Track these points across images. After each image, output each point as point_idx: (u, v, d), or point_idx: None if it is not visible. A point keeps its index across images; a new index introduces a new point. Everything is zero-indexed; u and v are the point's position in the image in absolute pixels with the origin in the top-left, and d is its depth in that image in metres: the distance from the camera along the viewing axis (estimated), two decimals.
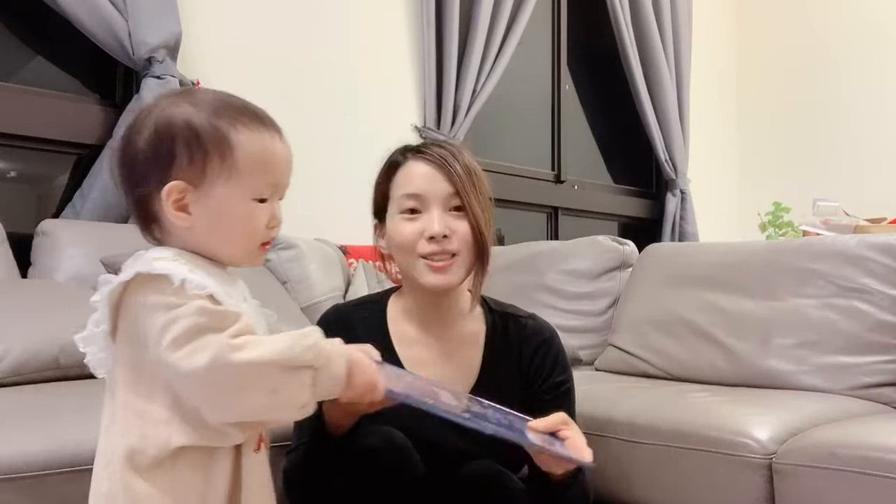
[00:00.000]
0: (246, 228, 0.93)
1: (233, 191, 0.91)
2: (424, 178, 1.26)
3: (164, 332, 0.83)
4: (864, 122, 4.20)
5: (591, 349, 2.42)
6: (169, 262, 0.87)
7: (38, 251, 2.00)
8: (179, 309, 0.83)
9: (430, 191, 1.25)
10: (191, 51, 2.41)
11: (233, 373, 0.82)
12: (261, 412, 0.86)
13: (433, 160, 1.26)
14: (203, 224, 0.91)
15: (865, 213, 3.19)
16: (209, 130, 0.90)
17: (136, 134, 0.92)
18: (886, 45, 4.18)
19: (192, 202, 0.90)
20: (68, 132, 2.26)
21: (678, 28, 4.07)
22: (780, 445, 1.45)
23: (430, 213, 1.25)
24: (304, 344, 0.86)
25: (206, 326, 0.83)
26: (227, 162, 0.90)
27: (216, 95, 0.95)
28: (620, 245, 2.53)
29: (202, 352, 0.81)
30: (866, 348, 1.84)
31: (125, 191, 0.94)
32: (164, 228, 0.93)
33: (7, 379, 1.45)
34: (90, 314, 0.93)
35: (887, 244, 1.90)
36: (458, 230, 1.24)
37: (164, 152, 0.90)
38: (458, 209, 1.26)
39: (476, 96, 3.17)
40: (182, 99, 0.93)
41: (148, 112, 0.93)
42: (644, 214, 4.21)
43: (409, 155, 1.30)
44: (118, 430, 0.88)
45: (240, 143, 0.91)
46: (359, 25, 2.94)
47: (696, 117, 4.18)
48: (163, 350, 0.83)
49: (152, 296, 0.85)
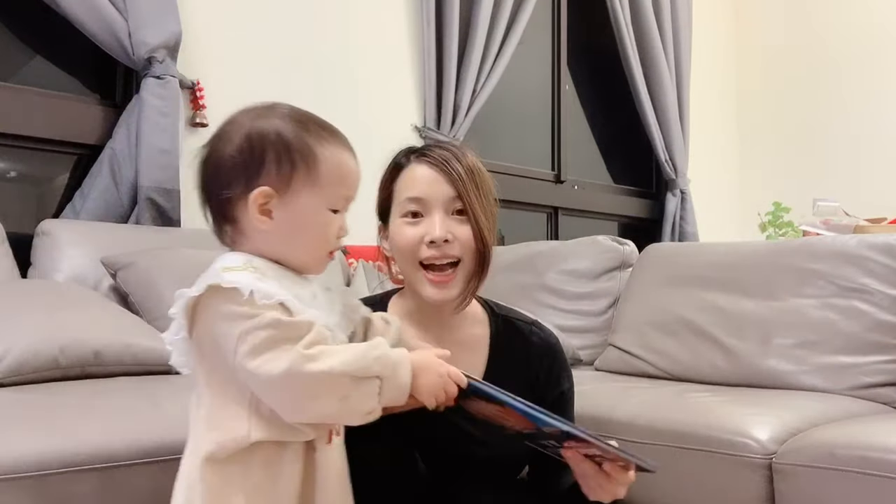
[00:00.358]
0: (320, 236, 1.00)
1: (314, 200, 0.98)
2: (426, 181, 1.25)
3: (241, 343, 0.89)
4: (864, 122, 4.20)
5: (591, 349, 2.42)
6: (238, 273, 0.92)
7: (38, 251, 2.00)
8: (253, 320, 0.89)
9: (431, 194, 1.24)
10: (191, 51, 2.41)
11: (307, 382, 0.88)
12: (330, 417, 0.94)
13: (435, 163, 1.25)
14: (282, 229, 0.97)
15: (865, 213, 3.19)
16: (298, 143, 0.98)
17: (224, 142, 0.99)
18: (886, 45, 4.18)
19: (275, 208, 0.97)
20: (68, 132, 2.26)
21: (678, 28, 4.07)
22: (780, 445, 1.45)
23: (431, 217, 1.24)
24: (373, 355, 0.92)
25: (280, 337, 0.89)
26: (312, 173, 0.98)
27: (299, 111, 1.02)
28: (620, 245, 2.53)
29: (277, 361, 0.88)
30: (866, 348, 1.84)
31: (207, 194, 1.01)
32: (241, 231, 0.99)
33: (7, 379, 1.45)
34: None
35: (887, 244, 1.90)
36: (459, 235, 1.23)
37: (255, 160, 0.97)
38: (461, 213, 1.24)
39: (476, 96, 3.17)
40: (270, 112, 1.00)
41: (235, 123, 1.00)
42: (644, 214, 4.22)
43: (412, 157, 1.29)
44: (202, 425, 0.94)
45: (323, 157, 0.99)
46: (359, 25, 2.94)
47: (696, 117, 4.18)
48: (239, 359, 0.89)
49: (225, 306, 0.91)
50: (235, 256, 0.98)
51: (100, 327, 1.64)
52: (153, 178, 2.21)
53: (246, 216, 0.97)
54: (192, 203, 2.40)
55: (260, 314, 0.89)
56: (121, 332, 1.67)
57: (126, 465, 1.21)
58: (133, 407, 1.34)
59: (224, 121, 1.03)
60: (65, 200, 2.25)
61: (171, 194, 2.25)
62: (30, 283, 1.92)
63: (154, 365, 1.66)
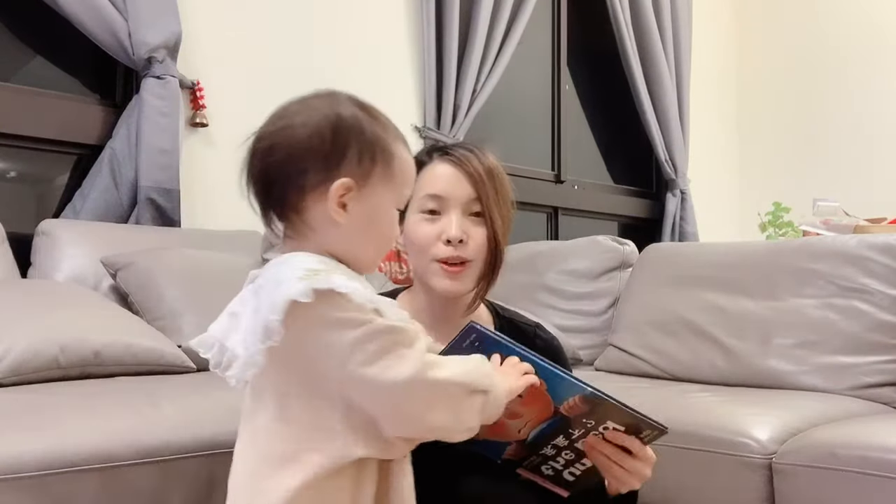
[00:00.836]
0: (389, 234, 0.98)
1: (388, 197, 0.96)
2: (447, 179, 1.25)
3: (355, 351, 0.83)
4: (864, 122, 4.20)
5: (591, 349, 2.42)
6: (334, 277, 0.85)
7: (38, 251, 2.00)
8: (367, 326, 0.83)
9: (452, 193, 1.24)
10: (191, 51, 2.41)
11: (428, 389, 0.85)
12: (441, 429, 0.88)
13: (458, 162, 1.26)
14: (355, 224, 0.92)
15: (865, 213, 3.19)
16: (379, 137, 0.94)
17: (297, 127, 0.92)
18: (886, 44, 4.18)
19: (351, 201, 0.92)
20: (68, 132, 2.26)
21: (678, 28, 4.07)
22: (780, 445, 1.45)
23: (448, 215, 1.24)
24: (483, 370, 0.91)
25: (398, 342, 0.84)
26: (387, 170, 0.94)
27: (370, 105, 0.97)
28: (620, 245, 2.53)
29: (400, 367, 0.83)
30: (866, 348, 1.84)
31: (270, 182, 0.94)
32: (308, 223, 0.93)
33: (7, 379, 1.45)
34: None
35: (887, 244, 1.90)
36: (475, 236, 1.23)
37: (338, 148, 0.91)
38: (478, 214, 1.24)
39: (476, 96, 3.17)
40: (343, 100, 0.95)
41: (308, 107, 0.94)
42: (644, 214, 4.21)
43: (434, 155, 1.29)
44: (287, 446, 0.87)
45: (398, 155, 0.96)
46: (359, 25, 2.94)
47: (696, 117, 4.18)
48: (353, 367, 0.83)
49: (332, 312, 0.84)
50: (310, 258, 0.89)
51: (100, 327, 1.64)
52: (153, 178, 2.21)
53: (317, 207, 0.91)
54: (192, 203, 2.41)
55: (372, 320, 0.84)
56: (121, 332, 1.67)
57: (126, 465, 1.21)
58: (133, 407, 1.34)
59: (287, 106, 0.97)
60: (65, 200, 2.25)
61: (171, 194, 2.25)
62: (30, 283, 1.92)
63: (154, 365, 1.66)
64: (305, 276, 0.84)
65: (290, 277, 0.84)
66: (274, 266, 0.90)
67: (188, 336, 1.81)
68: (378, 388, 0.83)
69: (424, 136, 3.01)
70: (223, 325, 0.93)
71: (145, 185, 2.20)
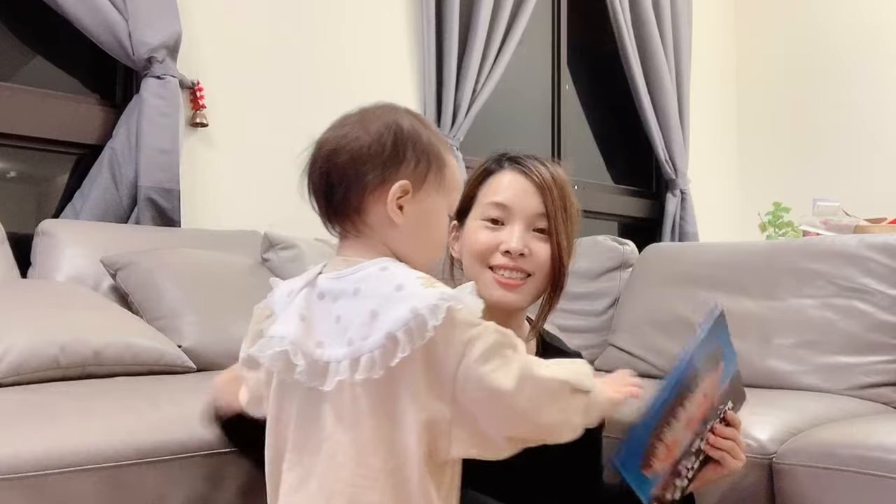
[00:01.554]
0: (441, 238, 1.03)
1: (439, 202, 1.00)
2: (516, 190, 1.21)
3: (470, 347, 0.87)
4: (864, 121, 4.20)
5: (591, 349, 2.42)
6: (440, 286, 0.90)
7: (38, 251, 2.00)
8: (479, 327, 0.89)
9: (518, 204, 1.20)
10: (191, 51, 2.41)
11: (538, 386, 0.89)
12: (549, 428, 0.91)
13: (529, 173, 1.22)
14: (411, 226, 0.97)
15: (865, 213, 3.19)
16: (434, 145, 1.00)
17: (360, 132, 0.98)
18: (886, 44, 4.18)
19: (407, 203, 0.97)
20: (68, 132, 2.26)
21: (678, 28, 4.07)
22: (780, 445, 1.45)
23: (511, 226, 1.20)
24: (584, 371, 0.94)
25: (504, 343, 0.89)
26: (440, 176, 1.00)
27: (422, 116, 1.05)
28: (620, 245, 2.53)
29: (509, 366, 0.87)
30: (866, 348, 1.84)
31: (332, 183, 0.97)
32: (367, 222, 0.97)
33: (7, 379, 1.45)
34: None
35: (887, 244, 1.90)
36: (537, 252, 1.19)
37: (398, 153, 0.97)
38: (542, 231, 1.21)
39: (476, 96, 3.17)
40: (406, 112, 1.03)
41: (370, 115, 1.01)
42: (644, 214, 4.21)
43: (505, 163, 1.26)
44: (372, 443, 0.88)
45: (449, 164, 1.01)
46: (359, 25, 2.94)
47: (696, 117, 4.18)
48: (469, 362, 0.87)
49: (458, 315, 0.88)
50: (405, 269, 0.93)
51: (100, 327, 1.64)
52: (153, 178, 2.21)
53: (377, 208, 0.96)
54: (192, 203, 2.41)
55: (480, 322, 0.89)
56: (121, 332, 1.67)
57: (126, 465, 1.21)
58: (133, 407, 1.34)
59: (348, 115, 1.03)
60: (65, 200, 2.25)
61: (171, 194, 2.25)
62: (30, 283, 1.92)
63: (154, 365, 1.66)
64: (429, 283, 0.90)
65: (411, 282, 0.89)
66: (370, 267, 0.92)
67: (188, 336, 1.81)
68: (491, 385, 0.86)
69: None
70: (297, 329, 0.91)
71: (145, 185, 2.20)
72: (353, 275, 0.92)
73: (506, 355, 0.88)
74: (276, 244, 2.26)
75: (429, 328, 0.85)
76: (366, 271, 0.92)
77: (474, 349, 0.87)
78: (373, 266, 0.93)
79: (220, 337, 1.81)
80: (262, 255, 2.26)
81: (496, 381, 0.86)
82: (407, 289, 0.88)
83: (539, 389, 0.88)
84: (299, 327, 0.91)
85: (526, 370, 0.88)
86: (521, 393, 0.87)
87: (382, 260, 0.94)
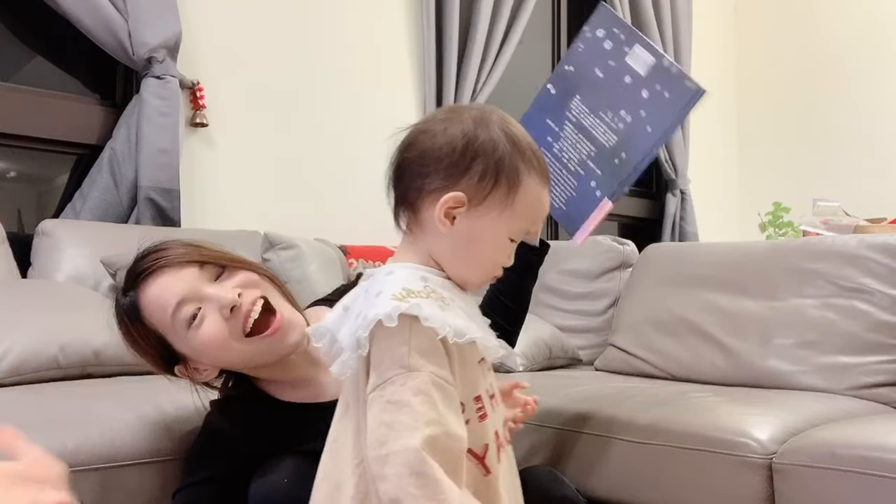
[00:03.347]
0: (490, 259, 0.98)
1: (499, 224, 0.95)
2: (169, 286, 1.17)
3: (389, 383, 0.86)
4: (864, 121, 4.20)
5: (591, 349, 2.42)
6: (427, 304, 0.88)
7: (38, 251, 2.00)
8: (416, 375, 0.86)
9: (184, 287, 1.17)
10: (191, 51, 2.41)
11: (406, 478, 0.82)
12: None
13: (154, 269, 1.18)
14: (458, 238, 0.94)
15: (865, 213, 3.19)
16: (509, 165, 0.94)
17: (439, 132, 0.95)
18: (886, 44, 4.18)
19: (461, 216, 0.94)
20: (68, 132, 2.26)
21: (678, 28, 4.07)
22: (780, 445, 1.45)
23: (206, 299, 1.15)
24: None
25: (421, 417, 0.84)
26: (509, 199, 0.94)
27: (516, 127, 0.98)
28: (620, 245, 2.53)
29: (398, 437, 0.83)
30: (866, 348, 1.84)
31: (400, 175, 0.97)
32: (419, 222, 0.96)
33: (7, 379, 1.45)
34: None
35: (887, 244, 1.90)
36: (242, 282, 1.18)
37: (463, 162, 0.94)
38: (220, 274, 1.19)
39: (476, 96, 3.17)
40: (491, 120, 0.96)
41: (456, 118, 0.96)
42: (644, 214, 4.21)
43: (132, 292, 1.21)
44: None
45: (526, 187, 0.95)
46: (359, 25, 2.94)
47: (696, 117, 4.18)
48: (375, 394, 0.86)
49: (407, 336, 0.87)
50: (415, 273, 0.93)
51: (100, 327, 1.64)
52: (153, 178, 2.21)
53: (429, 211, 0.94)
54: (192, 203, 2.42)
55: (424, 375, 0.85)
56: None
57: (126, 465, 1.21)
58: (133, 407, 1.34)
59: (439, 110, 1.01)
60: (65, 200, 2.25)
61: (170, 194, 2.25)
62: (30, 283, 1.92)
63: None
64: (399, 297, 0.87)
65: (387, 293, 0.88)
66: (384, 271, 0.94)
67: None
68: (369, 430, 0.85)
69: None
70: (337, 317, 0.95)
71: (145, 185, 2.20)
72: (374, 276, 0.94)
73: (407, 427, 0.82)
74: (276, 244, 2.26)
75: (363, 343, 0.87)
76: (379, 274, 0.93)
77: (390, 385, 0.85)
78: (386, 269, 0.94)
79: None
80: (262, 255, 2.26)
81: (377, 433, 0.84)
82: (380, 297, 0.88)
83: (406, 484, 0.81)
84: (339, 316, 0.94)
85: (413, 460, 0.81)
86: (386, 467, 0.82)
87: (400, 265, 0.95)
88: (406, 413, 0.83)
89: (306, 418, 1.19)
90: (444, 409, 0.85)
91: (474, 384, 0.94)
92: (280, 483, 1.13)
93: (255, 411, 1.24)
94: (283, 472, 1.14)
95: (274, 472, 1.15)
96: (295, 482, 1.12)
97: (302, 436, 1.15)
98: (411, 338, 0.86)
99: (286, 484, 1.13)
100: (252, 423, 1.22)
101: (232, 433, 1.21)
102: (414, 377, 0.85)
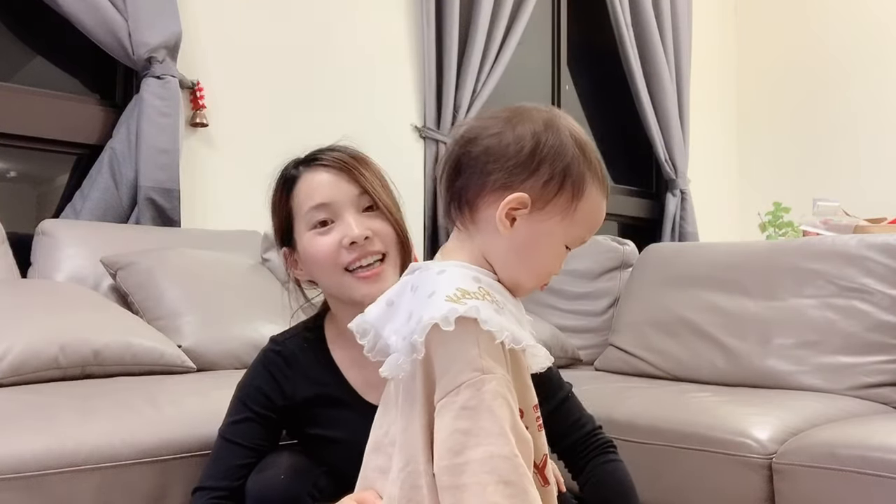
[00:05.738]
0: (546, 265, 0.95)
1: (558, 230, 0.92)
2: (326, 184, 1.19)
3: (459, 391, 0.84)
4: (864, 122, 4.20)
5: (591, 349, 2.42)
6: (484, 305, 0.85)
7: (38, 251, 2.00)
8: (480, 378, 0.83)
9: (336, 195, 1.18)
10: (191, 51, 2.41)
11: (472, 479, 0.80)
12: None
13: (332, 164, 1.21)
14: (516, 241, 0.91)
15: (865, 213, 3.19)
16: (576, 171, 0.92)
17: (506, 131, 0.92)
18: (886, 45, 4.18)
19: (521, 218, 0.91)
20: (68, 132, 2.26)
21: (678, 28, 4.06)
22: (780, 445, 1.45)
23: (343, 219, 1.18)
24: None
25: (485, 426, 0.82)
26: (571, 206, 0.92)
27: (582, 134, 0.95)
28: (620, 245, 2.53)
29: (471, 441, 0.81)
30: (866, 348, 1.84)
31: (459, 169, 0.94)
32: (476, 221, 0.93)
33: (7, 379, 1.45)
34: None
35: (887, 244, 1.90)
36: (379, 229, 1.18)
37: (531, 164, 0.91)
38: (370, 209, 1.20)
39: (476, 96, 3.17)
40: (561, 124, 0.94)
41: (526, 117, 0.94)
42: (644, 214, 4.21)
43: (302, 167, 1.23)
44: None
45: (588, 196, 0.93)
46: (358, 25, 2.94)
47: (696, 117, 4.18)
48: (445, 400, 0.84)
49: (468, 338, 0.85)
50: (467, 273, 0.90)
51: (100, 327, 1.64)
52: (153, 178, 2.21)
53: (488, 210, 0.91)
54: (192, 203, 2.42)
55: (483, 378, 0.82)
56: (121, 332, 1.67)
57: (126, 465, 1.21)
58: (133, 407, 1.34)
59: (504, 108, 0.97)
60: (65, 200, 2.25)
61: (171, 194, 2.25)
62: (30, 283, 1.92)
63: (154, 365, 1.66)
64: (454, 298, 0.84)
65: (441, 293, 0.85)
66: (435, 269, 0.91)
67: (188, 336, 1.81)
68: (440, 439, 0.82)
69: (424, 136, 3.02)
70: (380, 312, 0.92)
71: (145, 185, 2.20)
72: (422, 272, 0.92)
73: (477, 434, 0.80)
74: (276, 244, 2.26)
75: (419, 348, 0.83)
76: (429, 271, 0.90)
77: (461, 392, 0.81)
78: (437, 266, 0.91)
79: (220, 337, 1.81)
80: (262, 255, 2.26)
81: (448, 439, 0.81)
82: (434, 297, 0.84)
83: (472, 484, 0.79)
84: (382, 311, 0.92)
85: (483, 462, 0.78)
86: (458, 472, 0.80)
87: (452, 263, 0.92)
88: (486, 419, 0.80)
89: (332, 395, 1.20)
90: (518, 416, 0.83)
91: (531, 392, 0.92)
92: (277, 479, 1.14)
93: (304, 351, 1.24)
94: (279, 468, 1.15)
95: (271, 468, 1.15)
96: (291, 478, 1.13)
97: (323, 403, 1.19)
98: (479, 339, 0.83)
99: (283, 480, 1.13)
100: (294, 366, 1.23)
101: (276, 374, 1.22)
102: (489, 380, 0.82)
